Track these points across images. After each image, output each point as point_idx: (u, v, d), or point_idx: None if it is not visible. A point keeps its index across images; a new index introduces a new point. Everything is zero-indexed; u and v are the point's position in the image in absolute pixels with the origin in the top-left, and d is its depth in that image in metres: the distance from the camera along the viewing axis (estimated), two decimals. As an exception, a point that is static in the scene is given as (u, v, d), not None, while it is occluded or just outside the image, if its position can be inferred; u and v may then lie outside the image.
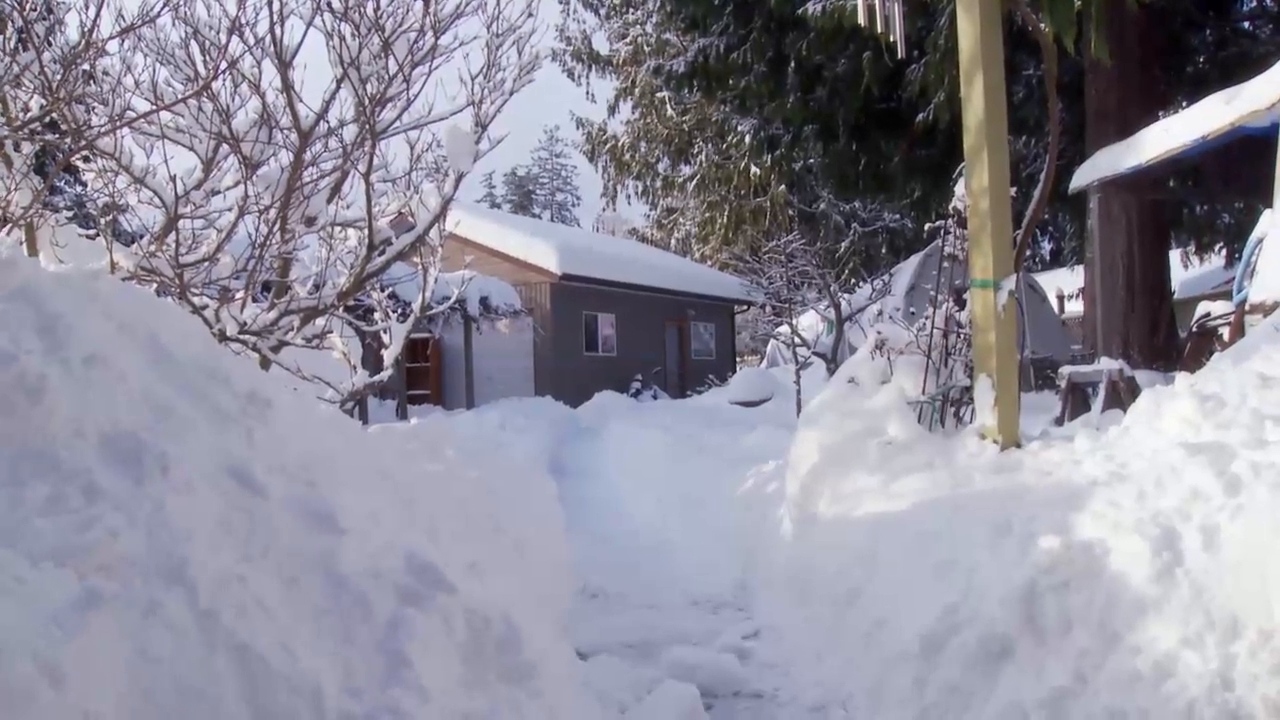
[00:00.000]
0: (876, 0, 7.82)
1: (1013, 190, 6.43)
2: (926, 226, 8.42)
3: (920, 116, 15.58)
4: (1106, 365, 8.28)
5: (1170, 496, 3.64)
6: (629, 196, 41.15)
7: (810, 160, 23.36)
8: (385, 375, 7.96)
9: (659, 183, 38.80)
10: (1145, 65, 13.95)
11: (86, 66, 5.92)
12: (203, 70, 5.91)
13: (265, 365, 6.09)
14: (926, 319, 7.00)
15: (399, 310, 8.93)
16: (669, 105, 35.26)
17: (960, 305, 6.87)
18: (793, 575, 6.05)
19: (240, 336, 6.01)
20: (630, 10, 34.84)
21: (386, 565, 3.65)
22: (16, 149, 5.82)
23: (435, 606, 3.59)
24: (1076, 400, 8.66)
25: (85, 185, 6.62)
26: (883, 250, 34.83)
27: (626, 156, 38.64)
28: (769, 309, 25.86)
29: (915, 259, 21.83)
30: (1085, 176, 12.51)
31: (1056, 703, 3.28)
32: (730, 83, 18.68)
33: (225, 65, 5.80)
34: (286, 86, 5.99)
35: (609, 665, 5.08)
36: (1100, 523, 3.74)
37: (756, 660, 5.36)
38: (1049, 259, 36.60)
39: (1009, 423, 6.01)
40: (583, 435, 18.56)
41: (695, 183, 35.88)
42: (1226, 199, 15.41)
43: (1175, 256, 19.21)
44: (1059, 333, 21.06)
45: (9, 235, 5.34)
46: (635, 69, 34.15)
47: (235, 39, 5.66)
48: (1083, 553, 3.65)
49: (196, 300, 5.97)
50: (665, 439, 13.63)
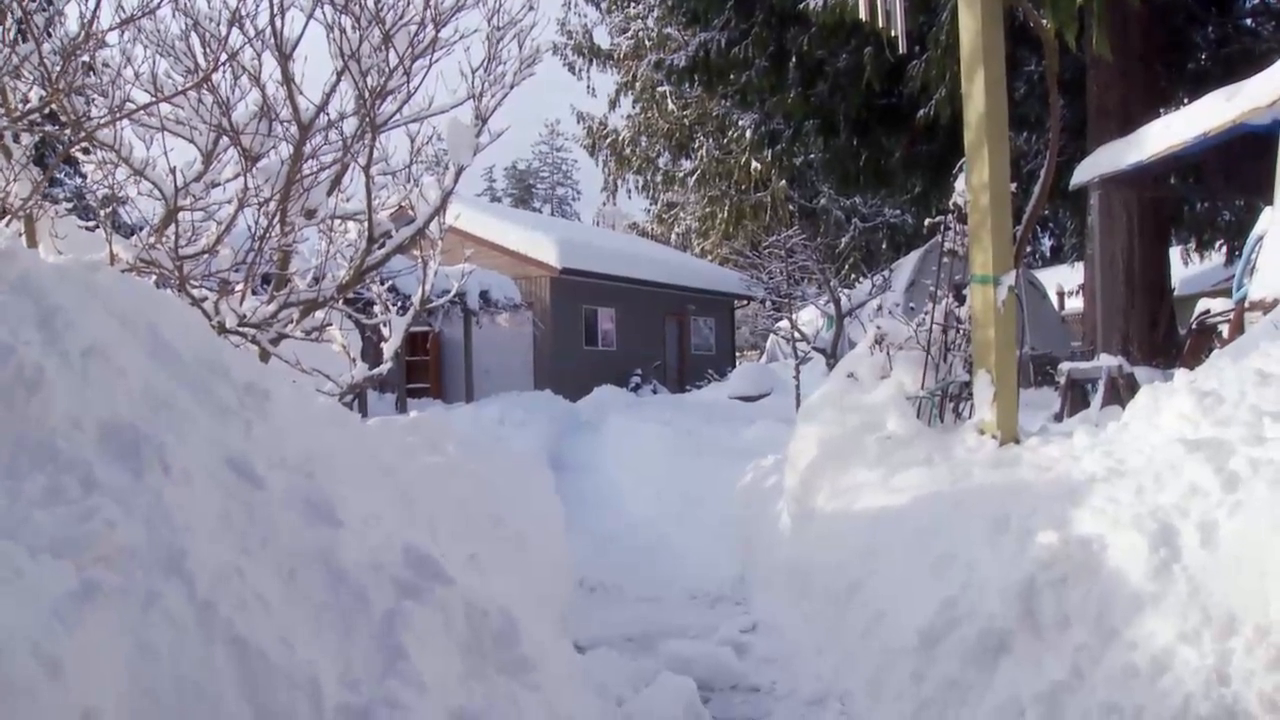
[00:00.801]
0: (878, -5, 7.80)
1: (1013, 186, 6.43)
2: (927, 222, 8.42)
3: (921, 112, 15.56)
4: (1106, 362, 8.27)
5: (1169, 492, 3.64)
6: (629, 191, 41.14)
7: (811, 155, 23.35)
8: (385, 368, 7.96)
9: (659, 177, 38.76)
10: (1147, 62, 13.94)
11: (86, 58, 5.91)
12: (203, 62, 5.91)
13: (264, 358, 6.08)
14: (926, 314, 7.00)
15: (399, 303, 8.92)
16: (670, 100, 35.20)
17: (960, 301, 6.87)
18: (791, 570, 6.06)
19: (239, 329, 6.00)
20: (631, 4, 34.73)
21: (385, 558, 3.65)
22: (16, 140, 5.81)
23: (433, 599, 3.59)
24: (1075, 397, 8.66)
25: (85, 178, 6.61)
26: (883, 246, 34.82)
27: (627, 151, 38.58)
28: (769, 304, 25.83)
29: (915, 255, 21.84)
30: (1086, 173, 12.49)
31: (1053, 697, 3.29)
32: (731, 77, 18.67)
33: (225, 57, 5.80)
34: (287, 79, 5.97)
35: (607, 658, 5.08)
36: (1099, 518, 3.75)
37: (754, 654, 5.36)
38: (1049, 255, 36.62)
39: (1008, 418, 6.02)
40: (582, 430, 18.52)
41: (696, 177, 35.81)
42: (1227, 196, 15.40)
43: (1175, 254, 19.20)
44: (1059, 329, 21.06)
45: (8, 226, 5.33)
46: (636, 63, 34.07)
47: (235, 31, 5.66)
48: (1081, 548, 3.65)
49: (196, 293, 5.97)
50: (664, 434, 13.61)
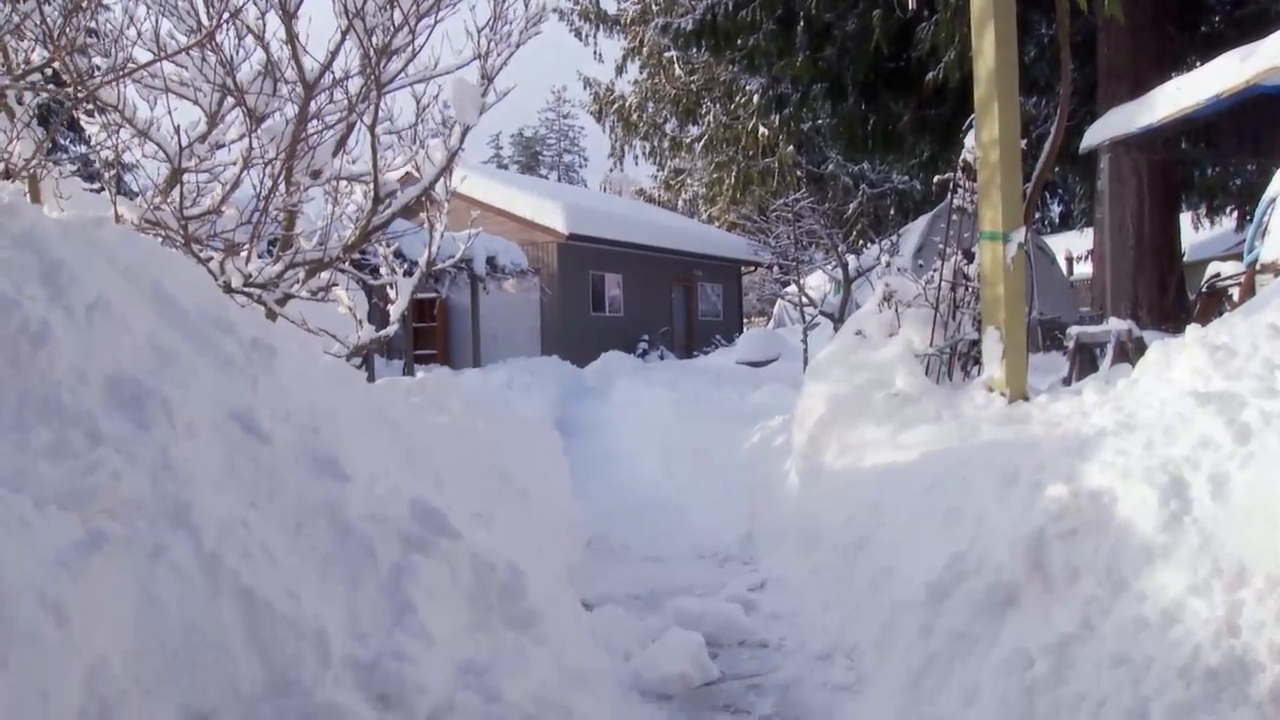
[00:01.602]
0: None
1: (1023, 143, 6.37)
2: (935, 179, 8.35)
3: (930, 75, 15.42)
4: (1115, 326, 8.22)
5: (1179, 445, 3.62)
6: (636, 157, 41.01)
7: (819, 121, 23.18)
8: (391, 330, 7.95)
9: (666, 143, 38.51)
10: (1159, 24, 13.78)
11: (88, 18, 5.87)
12: (205, 21, 5.86)
13: (271, 318, 6.07)
14: (935, 271, 6.95)
15: (405, 267, 8.90)
16: (677, 65, 34.93)
17: (969, 259, 6.83)
18: (799, 527, 6.05)
19: (245, 289, 5.99)
20: (638, -33, 34.46)
21: (391, 512, 3.65)
22: (19, 101, 5.79)
23: (440, 552, 3.59)
24: (1084, 361, 8.61)
25: (89, 143, 6.58)
26: (891, 212, 34.69)
27: (634, 117, 38.34)
28: (776, 270, 25.74)
29: (923, 220, 21.72)
30: (1097, 135, 12.38)
31: (1063, 649, 3.28)
32: (739, 41, 18.50)
33: (228, 15, 5.76)
34: (291, 37, 5.93)
35: (614, 615, 5.09)
36: (1109, 471, 3.72)
37: (762, 611, 5.36)
38: (1058, 222, 36.46)
39: (1017, 375, 5.99)
40: (589, 395, 18.52)
41: (703, 143, 35.58)
42: (1239, 158, 15.28)
43: (1186, 220, 19.07)
44: (1067, 295, 20.98)
45: (12, 185, 5.31)
46: (643, 28, 33.76)
47: (238, -12, 5.62)
48: (1091, 501, 3.64)
49: (201, 253, 5.96)
50: (671, 397, 13.60)
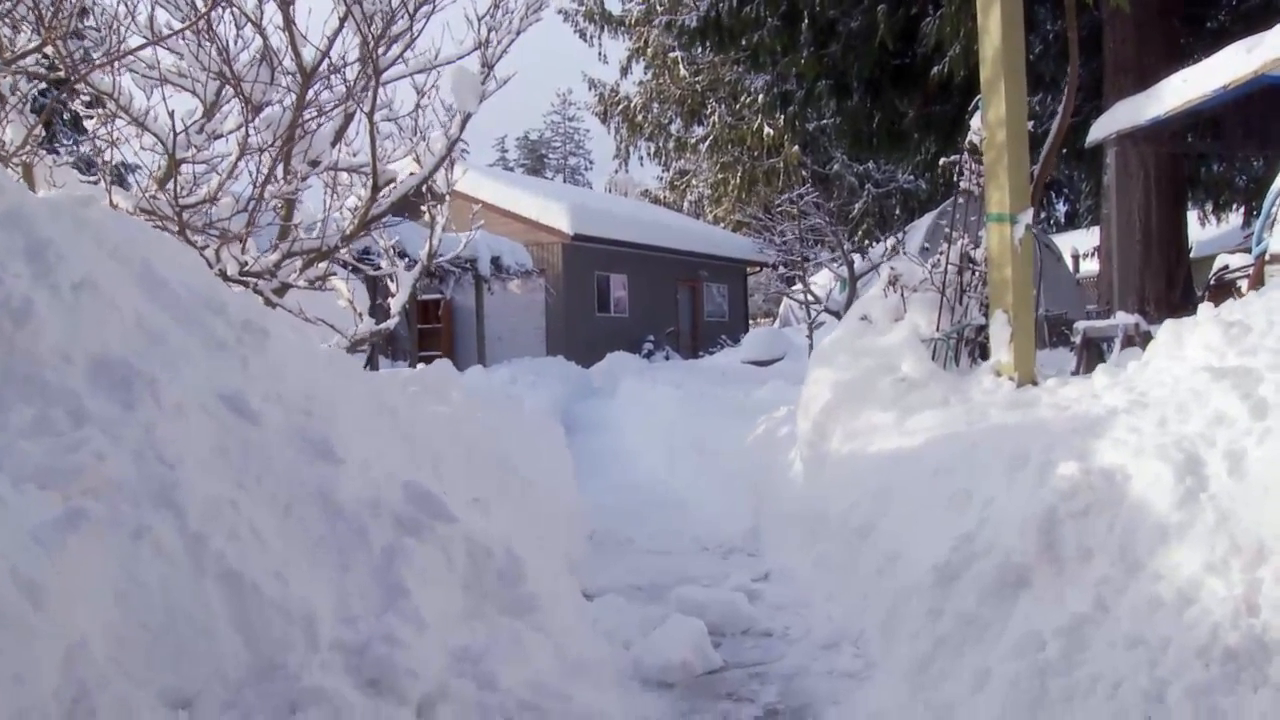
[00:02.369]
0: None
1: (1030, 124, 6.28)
2: (942, 161, 8.25)
3: (935, 69, 15.34)
4: (1122, 319, 8.13)
5: (1194, 421, 3.52)
6: (641, 158, 40.82)
7: (824, 120, 23.10)
8: (392, 323, 7.88)
9: (671, 144, 38.41)
10: (1165, 16, 13.68)
11: (83, 1, 5.83)
12: (201, 6, 5.81)
13: (269, 308, 6.01)
14: (941, 255, 6.86)
15: (406, 261, 8.84)
16: (682, 65, 34.87)
17: (976, 243, 6.73)
18: (804, 516, 5.94)
19: (242, 278, 5.92)
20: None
21: (385, 495, 3.56)
22: (13, 91, 5.75)
23: (434, 536, 3.50)
24: (1091, 355, 8.50)
25: (86, 132, 6.54)
26: (896, 211, 34.54)
27: (639, 117, 38.27)
28: (782, 269, 25.65)
29: (928, 218, 21.62)
30: (1103, 128, 12.26)
31: (1076, 630, 3.18)
32: (743, 38, 18.43)
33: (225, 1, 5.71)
34: (288, 23, 5.88)
35: (615, 605, 4.98)
36: (1121, 449, 3.62)
37: (767, 601, 5.25)
38: (1064, 221, 36.25)
39: (1025, 359, 5.88)
40: (594, 395, 18.46)
41: (708, 144, 35.51)
42: (1247, 150, 15.15)
43: (1192, 217, 18.94)
44: (1074, 292, 20.85)
45: (5, 170, 5.26)
46: (648, 28, 33.77)
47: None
48: (1103, 479, 3.53)
49: (197, 243, 5.89)
50: (676, 394, 13.51)
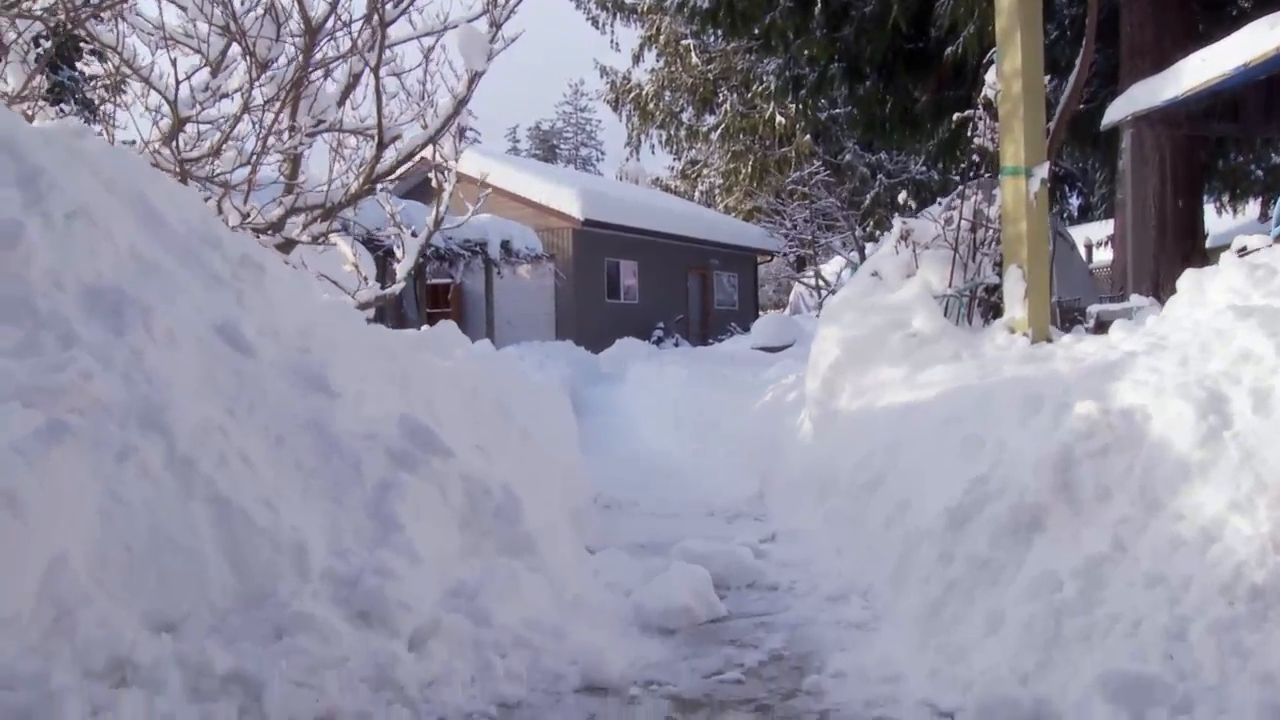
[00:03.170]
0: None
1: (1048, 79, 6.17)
2: (955, 116, 8.11)
3: (949, 50, 15.19)
4: (1136, 301, 8.00)
5: (1217, 360, 3.43)
6: (653, 146, 40.64)
7: (836, 107, 22.93)
8: (398, 288, 7.80)
9: (683, 132, 38.25)
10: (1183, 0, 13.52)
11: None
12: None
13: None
14: (954, 210, 6.74)
15: (412, 228, 8.74)
16: (693, 53, 34.74)
17: (990, 202, 6.61)
18: (812, 476, 5.84)
19: (244, 229, 5.85)
20: (654, -50, 34.24)
21: (380, 430, 3.48)
22: (17, 36, 5.71)
23: (430, 471, 3.41)
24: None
25: (87, 77, 6.47)
26: (912, 205, 34.33)
27: (651, 106, 38.10)
28: (792, 257, 25.54)
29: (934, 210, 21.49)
30: (1119, 111, 12.09)
31: (1093, 570, 3.09)
32: (755, 22, 18.29)
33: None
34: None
35: (617, 558, 4.89)
36: (1141, 389, 3.53)
37: (773, 559, 5.15)
38: (1078, 214, 36.07)
39: (1040, 315, 5.77)
40: (603, 380, 18.41)
41: (720, 132, 35.38)
42: (1267, 133, 14.99)
43: (1209, 208, 18.74)
44: (1087, 281, 20.71)
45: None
46: (660, 15, 33.63)
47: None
48: (1122, 419, 3.44)
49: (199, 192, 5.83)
50: (685, 374, 13.47)
